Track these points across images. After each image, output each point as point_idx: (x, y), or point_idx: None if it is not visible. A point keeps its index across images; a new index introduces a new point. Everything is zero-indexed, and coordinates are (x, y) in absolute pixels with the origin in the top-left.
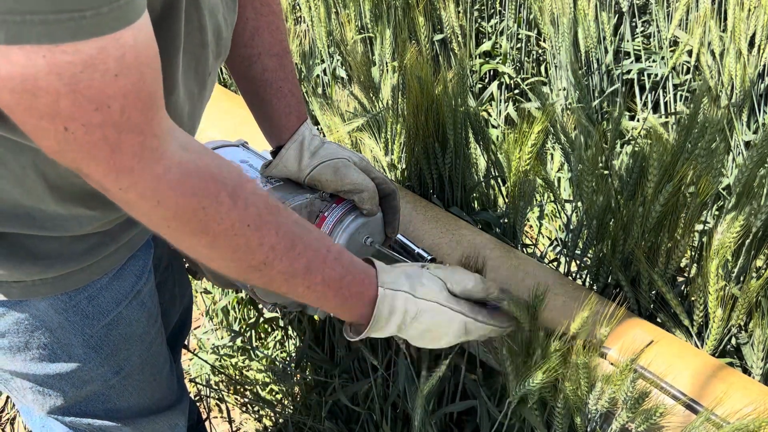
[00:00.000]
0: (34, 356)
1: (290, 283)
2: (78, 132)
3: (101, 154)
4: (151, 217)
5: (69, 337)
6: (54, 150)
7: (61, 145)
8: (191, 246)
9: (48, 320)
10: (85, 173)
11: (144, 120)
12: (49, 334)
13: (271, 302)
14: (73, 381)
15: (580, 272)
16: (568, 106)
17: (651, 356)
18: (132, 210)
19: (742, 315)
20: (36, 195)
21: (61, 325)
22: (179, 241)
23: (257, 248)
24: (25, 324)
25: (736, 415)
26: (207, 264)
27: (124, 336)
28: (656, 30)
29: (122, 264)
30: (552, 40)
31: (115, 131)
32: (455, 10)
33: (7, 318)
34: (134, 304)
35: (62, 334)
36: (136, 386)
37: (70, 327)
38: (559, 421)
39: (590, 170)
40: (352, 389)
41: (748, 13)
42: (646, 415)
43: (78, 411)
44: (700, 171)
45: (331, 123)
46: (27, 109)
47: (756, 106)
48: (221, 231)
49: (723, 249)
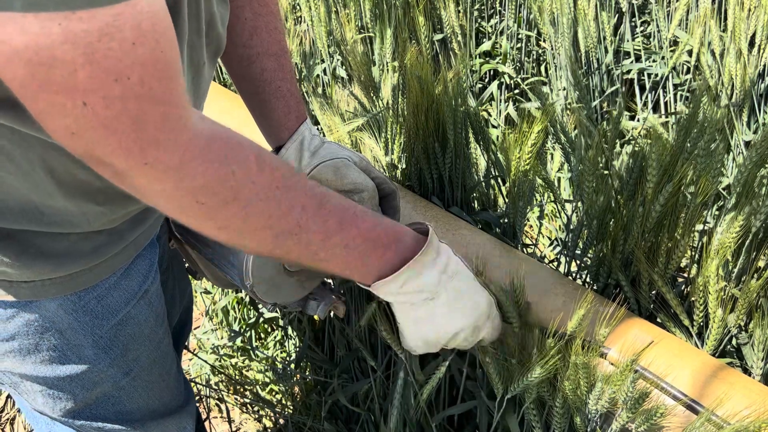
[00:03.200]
0: (45, 358)
1: (328, 244)
2: (98, 106)
3: (123, 128)
4: (177, 194)
5: (79, 338)
6: (70, 131)
7: (79, 124)
8: (224, 220)
9: (58, 321)
10: (102, 156)
11: (165, 90)
12: (59, 335)
13: (271, 302)
14: (84, 383)
15: (580, 272)
16: (568, 106)
17: (651, 356)
18: (152, 192)
19: (743, 315)
20: (44, 191)
21: (71, 326)
22: (208, 217)
23: (289, 211)
24: (35, 325)
25: (737, 416)
26: (240, 245)
27: (133, 336)
28: (656, 30)
29: (129, 263)
30: (552, 40)
31: (137, 102)
32: (455, 10)
33: (17, 320)
34: (142, 304)
35: (72, 335)
36: (146, 387)
37: (80, 328)
38: (558, 421)
39: (590, 170)
40: (352, 389)
41: (748, 13)
42: (646, 416)
43: (88, 414)
44: (700, 171)
45: (331, 123)
46: (42, 83)
47: (756, 105)
48: (252, 196)
49: (723, 249)
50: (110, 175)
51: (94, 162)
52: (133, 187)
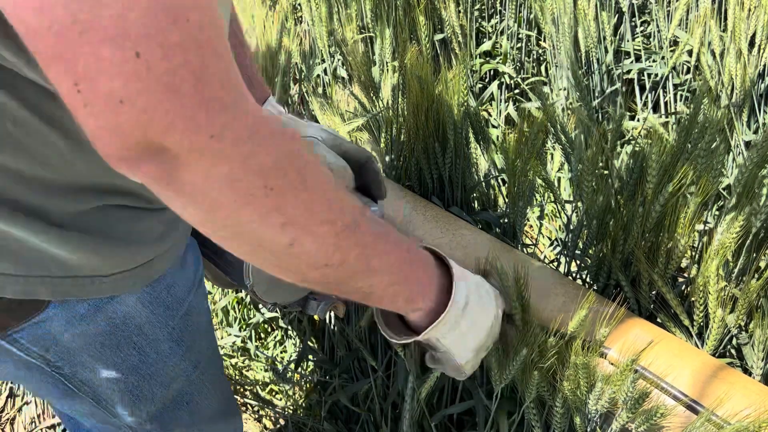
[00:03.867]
0: (126, 357)
1: (378, 245)
2: (154, 57)
3: (186, 86)
4: (245, 177)
5: (156, 332)
6: (117, 99)
7: (129, 86)
8: (291, 210)
9: (137, 316)
10: (156, 134)
11: (221, 40)
12: (138, 331)
13: (270, 302)
14: (162, 380)
15: (580, 272)
16: (568, 106)
17: (651, 356)
18: (211, 182)
19: (743, 315)
20: None
21: (149, 320)
22: (276, 207)
23: (346, 203)
24: (116, 323)
25: (737, 416)
26: (298, 248)
27: (197, 326)
28: (656, 30)
29: (184, 251)
30: (552, 40)
31: (198, 53)
32: (456, 10)
33: (99, 318)
34: (199, 293)
35: (150, 330)
36: (211, 380)
37: (156, 321)
38: (558, 421)
39: (590, 170)
40: (352, 389)
41: (749, 13)
42: (646, 416)
43: (166, 418)
44: (700, 171)
45: (331, 123)
46: (85, 28)
47: (756, 105)
48: (316, 183)
49: (723, 249)
50: (155, 172)
51: (138, 152)
52: (181, 184)
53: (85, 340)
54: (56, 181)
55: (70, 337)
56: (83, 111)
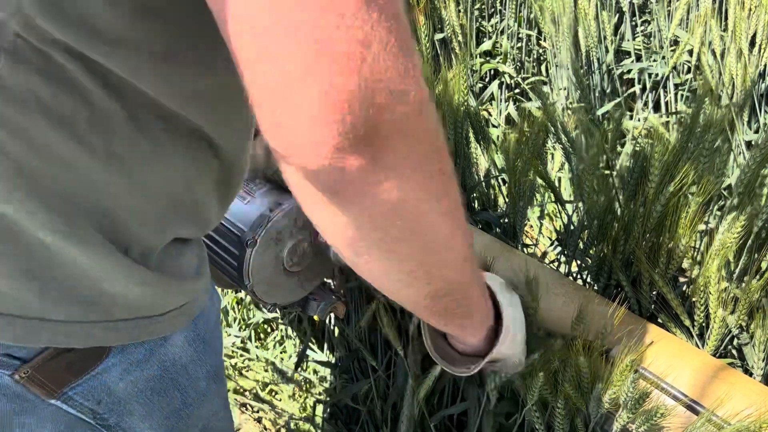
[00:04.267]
0: (170, 401)
1: (466, 245)
2: (386, 24)
3: (400, 55)
4: (429, 152)
5: (197, 370)
6: (360, 57)
7: (371, 49)
8: (454, 195)
9: (183, 355)
10: (386, 99)
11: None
12: (184, 371)
13: (270, 302)
14: (197, 420)
15: (580, 272)
16: (568, 106)
17: (651, 356)
18: (407, 169)
19: (744, 315)
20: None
21: (192, 359)
22: (445, 193)
23: (458, 192)
24: (167, 365)
25: (738, 416)
26: (454, 233)
27: (221, 357)
28: (657, 29)
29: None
30: (552, 40)
31: (402, 22)
32: (456, 10)
33: (153, 362)
34: (218, 324)
35: (193, 369)
36: (227, 408)
37: (198, 359)
38: (560, 421)
39: (591, 170)
40: (352, 389)
41: (749, 13)
42: (646, 416)
43: None
44: (701, 171)
45: None
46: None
47: (757, 105)
48: (450, 171)
49: (724, 249)
50: (362, 159)
51: (358, 132)
52: (384, 172)
53: (137, 387)
54: (151, 209)
55: (124, 385)
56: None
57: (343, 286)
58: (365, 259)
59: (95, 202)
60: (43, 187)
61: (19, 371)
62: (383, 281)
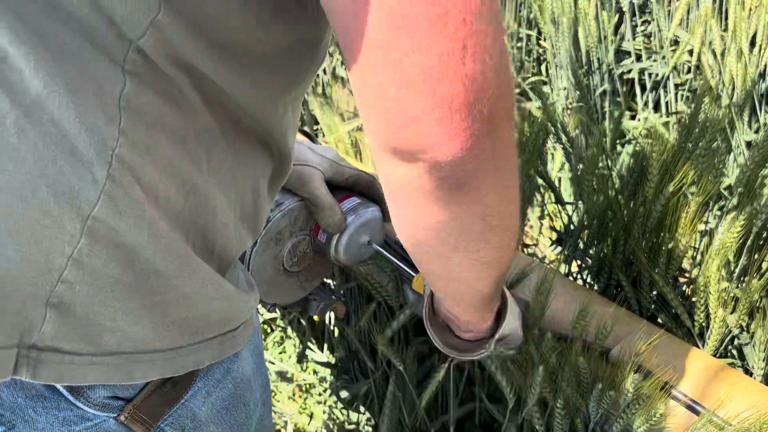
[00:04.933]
0: (238, 417)
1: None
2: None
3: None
4: (512, 140)
5: (256, 383)
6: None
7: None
8: (510, 169)
9: (248, 369)
10: (497, 93)
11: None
12: (248, 385)
13: (270, 303)
14: (253, 430)
15: (580, 272)
16: (568, 106)
17: (651, 357)
18: (508, 155)
19: (744, 315)
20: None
21: (254, 371)
22: (513, 176)
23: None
24: (238, 381)
25: (738, 417)
26: (497, 205)
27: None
28: (657, 29)
29: None
30: (552, 40)
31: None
32: None
33: (228, 380)
34: (260, 333)
35: (254, 381)
36: (271, 418)
37: (257, 370)
38: (559, 422)
39: (591, 170)
40: (352, 390)
41: (749, 13)
42: (646, 417)
43: None
44: (701, 171)
45: (331, 122)
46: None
47: (757, 105)
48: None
49: (724, 249)
50: (486, 142)
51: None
52: (495, 157)
53: (215, 408)
54: (232, 222)
55: (206, 408)
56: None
57: (343, 286)
58: (459, 254)
59: (199, 221)
60: (162, 209)
61: (123, 411)
62: (467, 275)
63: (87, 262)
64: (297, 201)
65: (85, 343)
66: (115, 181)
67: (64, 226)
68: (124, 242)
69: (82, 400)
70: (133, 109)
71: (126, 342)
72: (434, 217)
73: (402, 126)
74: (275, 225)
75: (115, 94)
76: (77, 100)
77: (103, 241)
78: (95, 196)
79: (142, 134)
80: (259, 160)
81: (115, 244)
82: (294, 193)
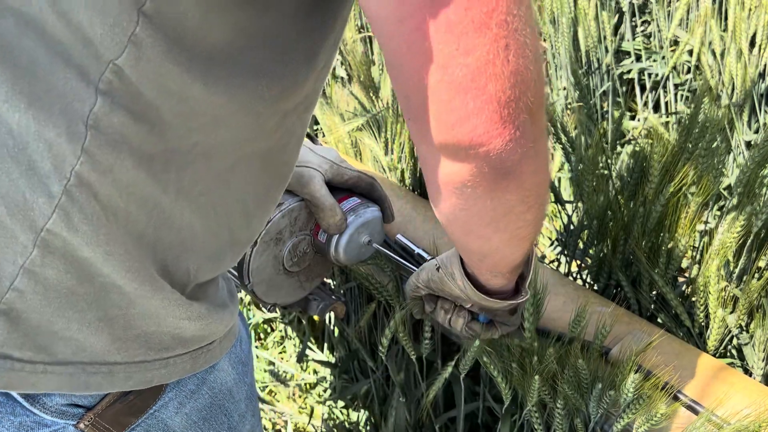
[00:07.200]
0: (218, 427)
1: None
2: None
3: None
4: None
5: (239, 393)
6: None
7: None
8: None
9: (228, 380)
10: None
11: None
12: (228, 395)
13: (270, 302)
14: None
15: (580, 272)
16: (568, 106)
17: (651, 356)
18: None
19: (743, 315)
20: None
21: (235, 381)
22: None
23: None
24: (215, 391)
25: (737, 416)
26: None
27: (254, 376)
28: (657, 29)
29: None
30: (552, 40)
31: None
32: None
33: (203, 391)
34: (249, 342)
35: (236, 391)
36: (261, 428)
37: (239, 380)
38: (559, 422)
39: (591, 170)
40: (352, 390)
41: (749, 13)
42: (646, 416)
43: None
44: (701, 171)
45: (331, 122)
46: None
47: (757, 105)
48: None
49: (724, 249)
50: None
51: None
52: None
53: (190, 419)
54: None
55: (180, 419)
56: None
57: (343, 286)
58: (499, 234)
59: (165, 240)
60: (122, 227)
61: (83, 420)
62: (504, 251)
63: (40, 272)
64: (297, 201)
65: (37, 351)
66: (71, 197)
67: (17, 237)
68: (82, 256)
69: (37, 406)
70: (100, 128)
71: (82, 352)
72: (480, 203)
73: (453, 125)
74: (275, 225)
75: (84, 113)
76: (39, 116)
77: (57, 253)
78: (50, 209)
79: (107, 153)
80: (250, 180)
81: (72, 257)
82: (294, 194)
